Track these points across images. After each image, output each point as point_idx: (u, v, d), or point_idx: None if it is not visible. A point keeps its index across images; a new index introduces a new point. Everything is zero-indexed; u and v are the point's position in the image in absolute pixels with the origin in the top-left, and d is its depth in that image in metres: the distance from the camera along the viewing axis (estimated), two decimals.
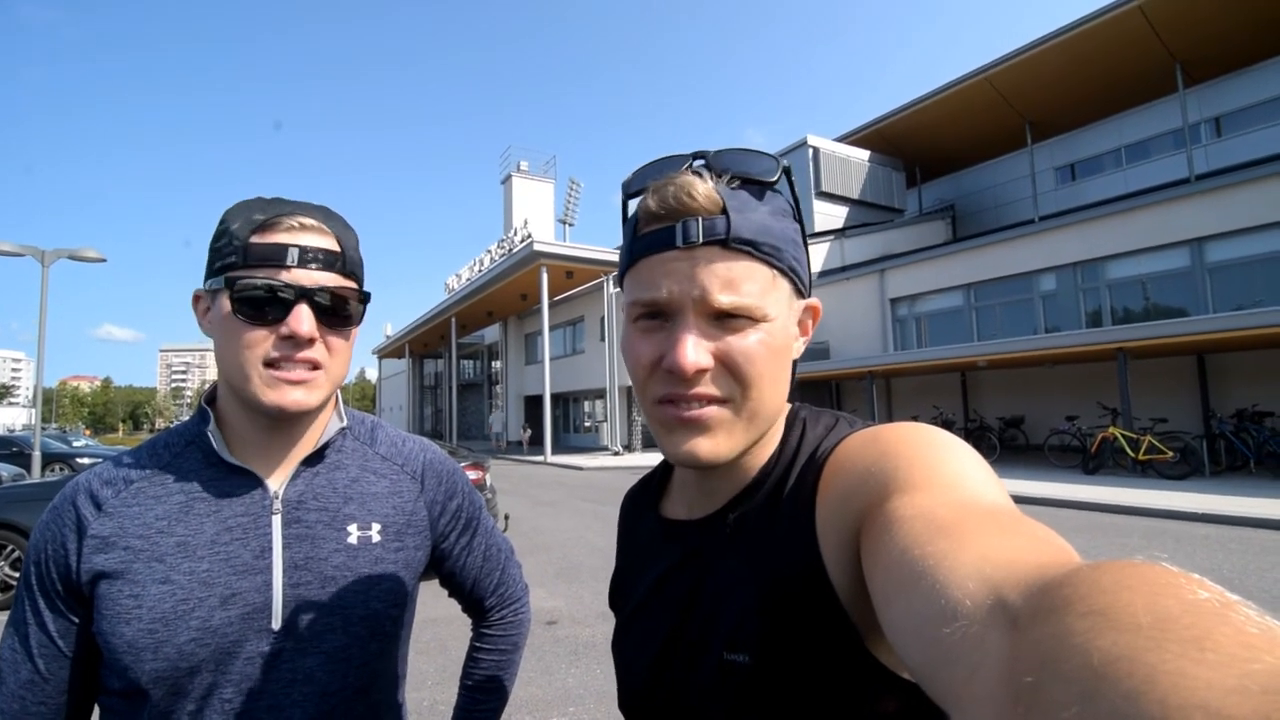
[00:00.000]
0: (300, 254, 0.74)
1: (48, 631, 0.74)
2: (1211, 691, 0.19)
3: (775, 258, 0.56)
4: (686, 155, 0.59)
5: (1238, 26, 16.99)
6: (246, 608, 0.74)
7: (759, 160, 0.58)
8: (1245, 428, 11.05)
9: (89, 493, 0.76)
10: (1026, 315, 16.15)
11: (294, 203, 0.79)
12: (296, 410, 0.75)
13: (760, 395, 0.56)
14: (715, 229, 0.54)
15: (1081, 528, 7.51)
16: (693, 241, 0.54)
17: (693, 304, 0.54)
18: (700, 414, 0.55)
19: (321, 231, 0.77)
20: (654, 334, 0.57)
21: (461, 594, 1.03)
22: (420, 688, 3.68)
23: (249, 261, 0.74)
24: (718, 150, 0.59)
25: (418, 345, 41.82)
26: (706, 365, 0.54)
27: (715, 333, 0.55)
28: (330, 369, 0.78)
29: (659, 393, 0.56)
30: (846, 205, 25.68)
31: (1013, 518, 0.40)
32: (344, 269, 0.78)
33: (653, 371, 0.57)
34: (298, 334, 0.73)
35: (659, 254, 0.56)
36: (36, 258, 12.39)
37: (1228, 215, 12.60)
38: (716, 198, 0.55)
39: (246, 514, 0.78)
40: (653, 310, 0.57)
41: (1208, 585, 0.24)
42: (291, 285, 0.73)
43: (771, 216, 0.57)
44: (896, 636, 0.39)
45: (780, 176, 0.58)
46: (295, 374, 0.74)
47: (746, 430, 0.57)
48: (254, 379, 0.74)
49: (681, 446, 0.56)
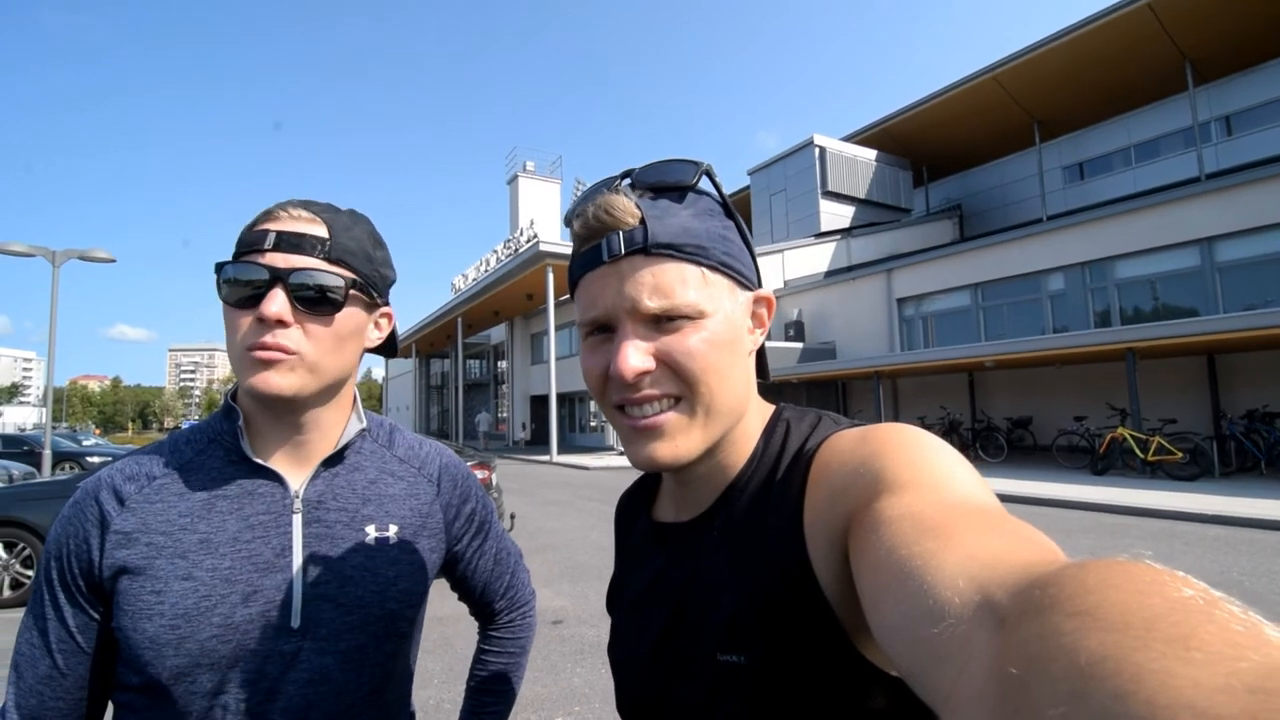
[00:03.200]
0: (277, 238, 0.75)
1: (67, 627, 0.74)
2: (1198, 690, 0.19)
3: (701, 255, 0.58)
4: (616, 177, 0.62)
5: (1248, 24, 16.85)
6: (267, 605, 0.75)
7: (677, 168, 0.60)
8: (1256, 429, 10.94)
9: (112, 488, 0.76)
10: (1034, 315, 16.06)
11: (308, 200, 0.80)
12: (268, 393, 0.73)
13: (710, 389, 0.57)
14: (634, 239, 0.56)
15: (1090, 529, 7.46)
16: (616, 254, 0.57)
17: (626, 313, 0.57)
18: (654, 421, 0.57)
19: (309, 220, 0.77)
20: (601, 347, 0.60)
21: (471, 597, 1.03)
22: (427, 686, 3.70)
23: (238, 251, 0.76)
24: (642, 166, 0.62)
25: (424, 345, 41.93)
26: (646, 367, 0.56)
27: (654, 335, 0.57)
28: (310, 356, 0.76)
29: (614, 399, 0.59)
30: (853, 205, 25.61)
31: (999, 517, 0.41)
32: (330, 255, 0.77)
33: (604, 382, 0.59)
34: (265, 315, 0.72)
35: (591, 272, 0.59)
36: (47, 258, 12.50)
37: (1238, 214, 12.49)
38: (634, 209, 0.57)
39: (268, 512, 0.78)
40: (597, 325, 0.60)
41: (1192, 583, 0.24)
42: (265, 267, 0.73)
43: (694, 218, 0.59)
44: (885, 636, 0.39)
45: (699, 178, 0.60)
46: (264, 354, 0.73)
47: (705, 427, 0.59)
48: (236, 363, 0.75)
49: (641, 453, 0.59)
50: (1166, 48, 17.94)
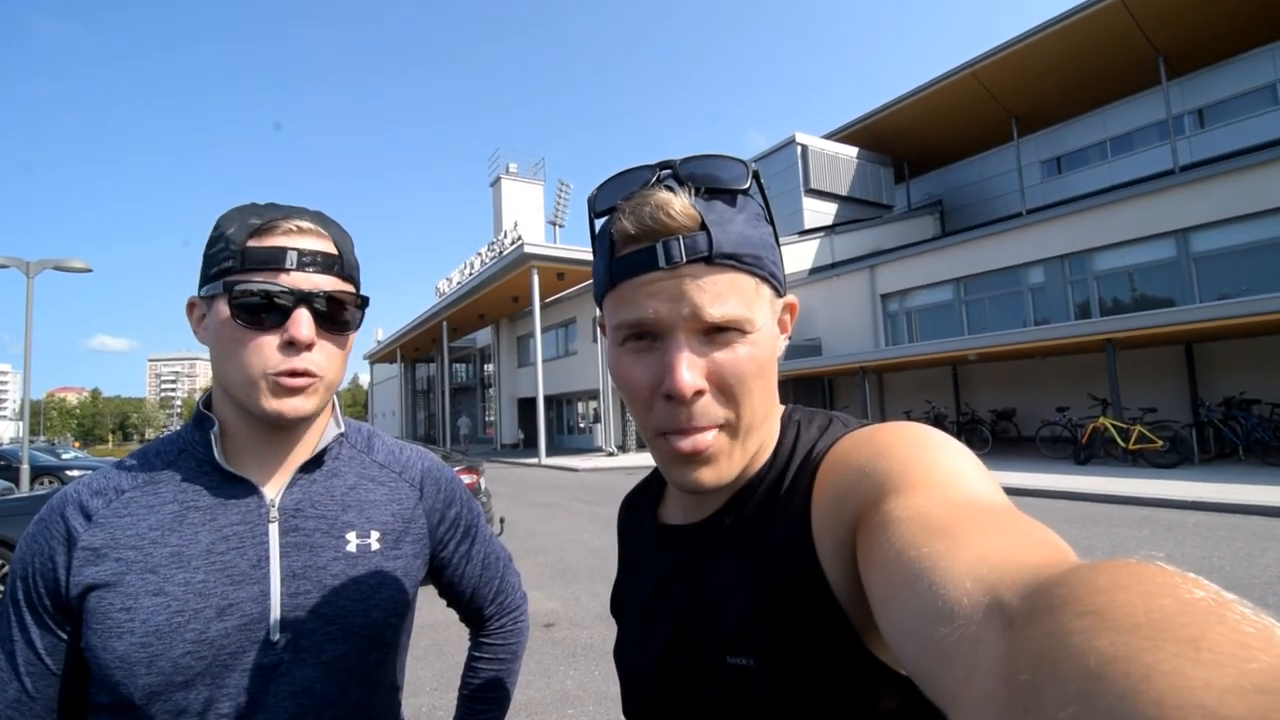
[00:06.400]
0: (299, 257, 0.73)
1: (35, 648, 0.72)
2: (1208, 691, 0.19)
3: (757, 266, 0.56)
4: (653, 166, 0.58)
5: (1219, 19, 17.17)
6: (244, 619, 0.73)
7: (729, 167, 0.57)
8: (1233, 415, 11.15)
9: (78, 504, 0.74)
10: (1016, 308, 16.24)
11: (289, 207, 0.78)
12: (295, 417, 0.74)
13: (753, 411, 0.57)
14: (698, 246, 0.53)
15: (1074, 518, 7.56)
16: (676, 262, 0.53)
17: (683, 322, 0.54)
18: (701, 447, 0.56)
19: (318, 235, 0.76)
20: (645, 355, 0.56)
21: (460, 603, 1.01)
22: (418, 694, 3.66)
23: (246, 266, 0.72)
24: (684, 159, 0.57)
25: (409, 350, 41.66)
26: (701, 386, 0.54)
27: (705, 349, 0.55)
28: (328, 375, 0.77)
29: (660, 425, 0.56)
30: (836, 202, 25.78)
31: (1009, 516, 0.40)
32: (342, 272, 0.77)
33: (652, 397, 0.56)
34: (297, 339, 0.72)
35: (641, 275, 0.55)
36: (21, 269, 12.24)
37: (1212, 205, 12.72)
38: (694, 213, 0.54)
39: (243, 522, 0.76)
40: (640, 331, 0.56)
41: (1203, 584, 0.24)
42: (291, 290, 0.72)
43: (748, 224, 0.56)
44: (894, 638, 0.39)
45: (751, 182, 0.57)
46: (294, 381, 0.73)
47: (744, 447, 0.58)
48: (252, 386, 0.72)
49: (687, 478, 0.57)
50: (1139, 43, 18.23)
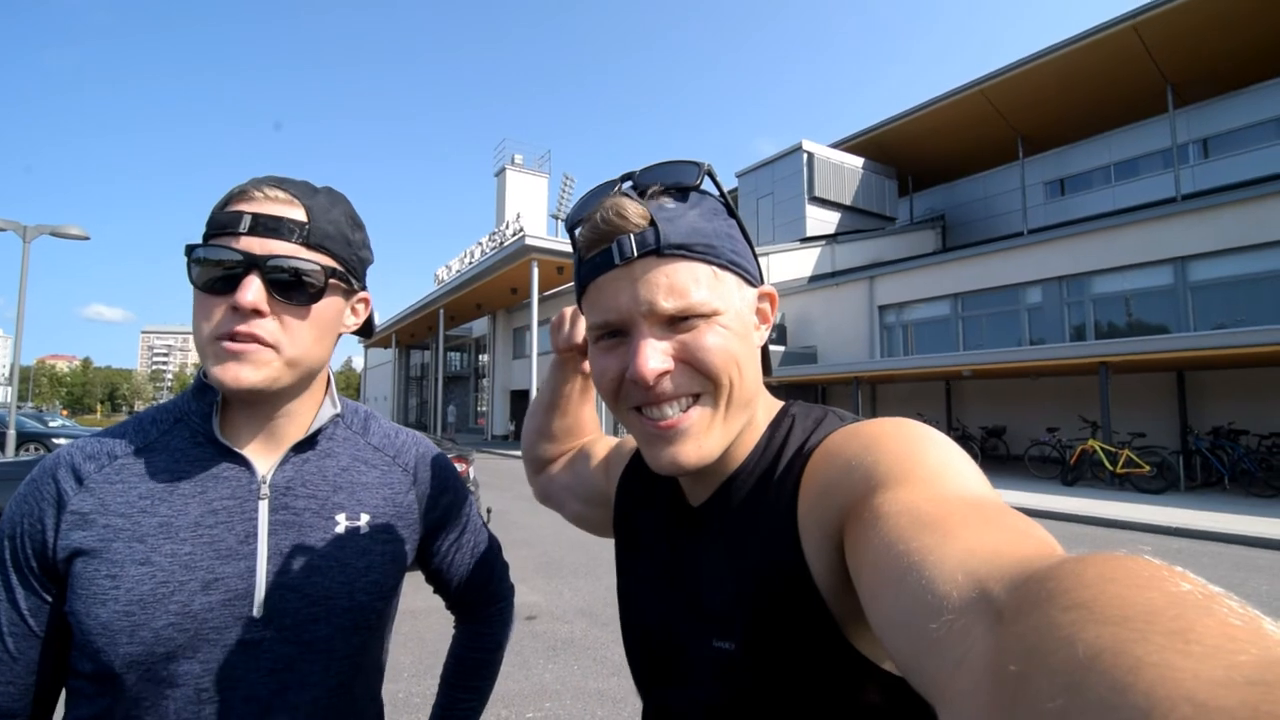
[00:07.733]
0: (253, 221, 0.70)
1: (19, 609, 0.71)
2: (1198, 683, 0.19)
3: (711, 254, 0.58)
4: (616, 180, 0.63)
5: (1230, 51, 17.26)
6: (228, 594, 0.72)
7: (682, 169, 0.61)
8: (1221, 445, 11.21)
9: (70, 466, 0.73)
10: (1012, 327, 16.30)
11: (283, 178, 0.76)
12: (237, 387, 0.70)
13: (731, 381, 0.58)
14: (646, 240, 0.57)
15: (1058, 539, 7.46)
16: (629, 256, 0.57)
17: (642, 315, 0.57)
18: (675, 421, 0.57)
19: (289, 202, 0.73)
20: (614, 351, 0.60)
21: (447, 591, 1.01)
22: (397, 679, 3.65)
23: (209, 231, 0.72)
24: (643, 168, 0.62)
25: (405, 336, 41.52)
26: (666, 368, 0.57)
27: (670, 335, 0.57)
28: (285, 347, 0.73)
29: (633, 400, 0.59)
30: (839, 211, 25.81)
31: (997, 510, 0.41)
32: (308, 240, 0.73)
33: (619, 386, 0.59)
34: (240, 304, 0.69)
35: (603, 275, 0.59)
36: (18, 233, 12.15)
37: (1212, 235, 12.78)
38: (644, 211, 0.58)
39: (233, 497, 0.76)
40: (609, 329, 0.60)
41: (1190, 578, 0.24)
42: (241, 253, 0.70)
43: (701, 218, 0.59)
44: (884, 631, 0.39)
45: (702, 179, 0.61)
46: (234, 345, 0.70)
47: (726, 422, 0.59)
48: (204, 352, 0.71)
49: (664, 456, 0.58)
50: (1149, 70, 18.30)
